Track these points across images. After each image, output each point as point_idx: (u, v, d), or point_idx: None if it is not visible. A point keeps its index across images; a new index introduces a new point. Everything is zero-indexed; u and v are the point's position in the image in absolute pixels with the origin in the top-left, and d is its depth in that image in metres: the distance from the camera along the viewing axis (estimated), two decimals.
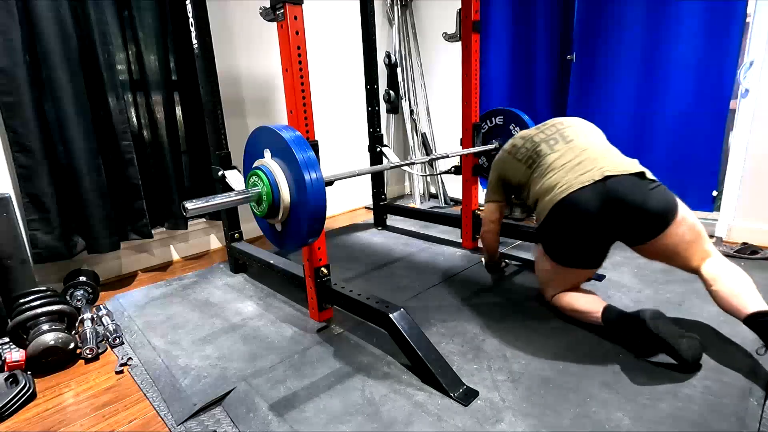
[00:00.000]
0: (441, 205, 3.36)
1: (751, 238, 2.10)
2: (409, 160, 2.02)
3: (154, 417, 1.20)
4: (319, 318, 1.62)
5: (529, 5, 2.67)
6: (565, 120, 1.68)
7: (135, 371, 1.41)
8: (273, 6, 1.32)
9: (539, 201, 1.48)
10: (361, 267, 2.15)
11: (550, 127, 1.65)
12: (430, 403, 1.16)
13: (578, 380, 1.21)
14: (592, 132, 1.62)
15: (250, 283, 2.03)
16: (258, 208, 1.22)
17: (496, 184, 1.76)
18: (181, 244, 2.50)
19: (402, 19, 3.29)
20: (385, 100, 3.38)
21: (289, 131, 1.15)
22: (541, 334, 1.45)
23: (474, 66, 2.11)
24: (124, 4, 2.10)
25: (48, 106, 1.85)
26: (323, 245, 1.54)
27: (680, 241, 1.33)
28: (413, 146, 3.39)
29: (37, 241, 1.86)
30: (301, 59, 1.35)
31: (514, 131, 2.19)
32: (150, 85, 2.21)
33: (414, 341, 1.26)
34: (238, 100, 2.62)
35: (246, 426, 1.13)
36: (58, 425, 1.20)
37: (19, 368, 1.37)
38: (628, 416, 1.07)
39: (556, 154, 1.53)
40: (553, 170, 1.48)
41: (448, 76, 3.18)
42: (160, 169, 2.29)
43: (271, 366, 1.37)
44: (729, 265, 1.35)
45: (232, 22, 2.52)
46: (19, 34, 1.72)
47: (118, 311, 1.82)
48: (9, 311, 1.60)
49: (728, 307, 1.28)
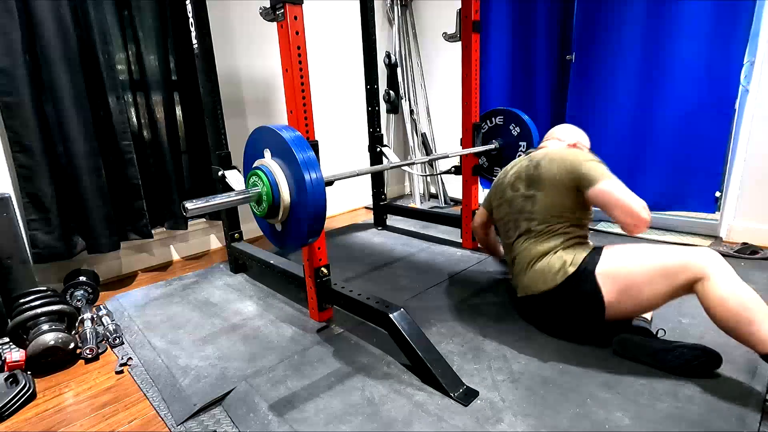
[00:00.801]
0: (441, 205, 3.36)
1: (751, 238, 2.10)
2: (409, 160, 2.02)
3: (154, 417, 1.20)
4: (319, 318, 1.62)
5: (529, 5, 2.68)
6: (538, 162, 1.49)
7: (135, 371, 1.41)
8: (273, 6, 1.32)
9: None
10: (361, 267, 2.15)
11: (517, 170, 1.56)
12: (430, 403, 1.16)
13: (578, 380, 1.21)
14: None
15: (250, 283, 2.03)
16: (258, 208, 1.22)
17: (488, 194, 1.76)
18: (181, 244, 2.50)
19: (402, 19, 3.29)
20: (385, 100, 3.38)
21: (289, 131, 1.15)
22: (541, 334, 1.45)
23: (474, 66, 2.11)
24: (124, 4, 2.10)
25: (48, 106, 1.85)
26: (323, 245, 1.54)
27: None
28: (413, 146, 3.39)
29: (37, 241, 1.86)
30: (301, 59, 1.35)
31: (514, 131, 2.20)
32: (150, 85, 2.21)
33: (414, 341, 1.26)
34: (238, 100, 2.62)
35: (246, 426, 1.13)
36: (58, 425, 1.20)
37: (19, 368, 1.37)
38: (628, 416, 1.07)
39: (500, 211, 1.60)
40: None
41: (448, 76, 3.18)
42: (160, 169, 2.29)
43: (271, 366, 1.37)
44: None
45: (232, 22, 2.52)
46: (19, 34, 1.73)
47: (118, 311, 1.82)
48: (9, 311, 1.60)
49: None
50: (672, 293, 1.19)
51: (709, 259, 1.14)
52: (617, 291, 1.25)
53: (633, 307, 1.26)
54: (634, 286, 1.22)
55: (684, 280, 1.15)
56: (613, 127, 2.40)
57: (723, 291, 1.10)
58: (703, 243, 2.16)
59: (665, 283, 1.18)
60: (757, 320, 1.06)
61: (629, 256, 1.26)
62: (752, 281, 1.73)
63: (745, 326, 1.08)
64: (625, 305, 1.25)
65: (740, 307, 1.08)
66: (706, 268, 1.13)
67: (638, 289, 1.22)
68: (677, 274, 1.16)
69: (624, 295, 1.24)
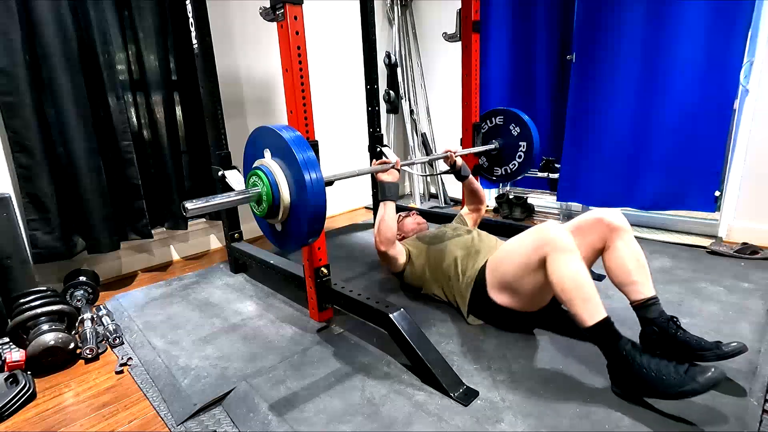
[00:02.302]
0: (441, 205, 3.36)
1: (751, 238, 2.10)
2: (409, 160, 2.02)
3: (154, 417, 1.20)
4: (319, 318, 1.62)
5: (529, 5, 2.67)
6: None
7: (135, 371, 1.41)
8: (273, 6, 1.32)
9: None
10: (361, 267, 2.15)
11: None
12: (430, 403, 1.16)
13: (578, 380, 1.21)
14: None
15: (250, 283, 2.03)
16: (258, 208, 1.22)
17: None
18: (181, 244, 2.50)
19: (402, 19, 3.29)
20: (385, 100, 3.38)
21: (289, 131, 1.15)
22: (541, 334, 1.45)
23: (474, 66, 2.11)
24: (124, 4, 2.10)
25: (48, 106, 1.85)
26: (323, 245, 1.54)
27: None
28: (413, 146, 3.39)
29: (37, 241, 1.86)
30: (301, 59, 1.35)
31: (514, 131, 2.20)
32: (150, 85, 2.21)
33: (414, 341, 1.26)
34: (238, 100, 2.62)
35: (246, 426, 1.13)
36: (58, 425, 1.20)
37: (19, 368, 1.37)
38: (628, 416, 1.07)
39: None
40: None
41: (448, 76, 3.18)
42: (160, 169, 2.29)
43: (271, 366, 1.37)
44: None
45: (232, 22, 2.52)
46: (19, 34, 1.73)
47: (118, 311, 1.82)
48: (9, 311, 1.60)
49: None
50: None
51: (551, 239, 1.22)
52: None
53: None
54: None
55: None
56: (613, 127, 2.40)
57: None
58: (703, 243, 2.17)
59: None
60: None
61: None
62: (752, 281, 1.74)
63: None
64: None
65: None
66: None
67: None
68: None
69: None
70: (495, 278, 1.41)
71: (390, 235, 1.64)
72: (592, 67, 2.41)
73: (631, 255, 1.29)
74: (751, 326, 1.42)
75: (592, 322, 1.12)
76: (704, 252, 2.08)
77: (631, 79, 2.31)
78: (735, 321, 1.46)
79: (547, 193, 3.05)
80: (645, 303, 1.25)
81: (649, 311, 1.25)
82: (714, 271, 1.86)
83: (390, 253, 1.68)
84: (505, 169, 2.30)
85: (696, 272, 1.85)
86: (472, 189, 2.00)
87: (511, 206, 2.90)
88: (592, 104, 2.45)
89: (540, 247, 1.23)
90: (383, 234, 1.64)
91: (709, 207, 2.22)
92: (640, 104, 2.31)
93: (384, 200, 1.66)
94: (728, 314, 1.50)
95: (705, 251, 2.09)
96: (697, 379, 0.98)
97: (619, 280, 1.30)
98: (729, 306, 1.56)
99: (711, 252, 2.06)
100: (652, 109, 2.28)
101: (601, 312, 1.12)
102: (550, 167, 2.77)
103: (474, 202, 2.03)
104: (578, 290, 1.14)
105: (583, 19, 2.37)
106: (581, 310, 1.13)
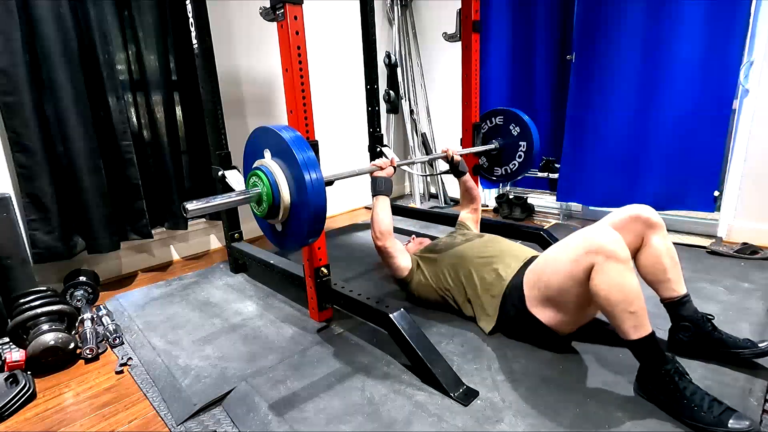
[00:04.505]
0: (441, 205, 3.36)
1: (751, 238, 2.10)
2: (409, 160, 2.02)
3: (154, 417, 1.20)
4: (319, 318, 1.62)
5: (529, 5, 2.68)
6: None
7: (135, 371, 1.41)
8: (273, 6, 1.32)
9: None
10: (361, 267, 2.15)
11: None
12: (430, 403, 1.16)
13: (578, 380, 1.21)
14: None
15: (250, 283, 2.03)
16: (258, 208, 1.22)
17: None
18: (181, 244, 2.50)
19: (402, 19, 3.29)
20: (385, 100, 3.38)
21: (289, 131, 1.15)
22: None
23: (474, 66, 2.11)
24: (124, 4, 2.10)
25: (48, 106, 1.85)
26: (323, 245, 1.54)
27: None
28: (413, 146, 3.39)
29: (37, 241, 1.86)
30: (301, 59, 1.35)
31: (514, 131, 2.19)
32: (150, 85, 2.21)
33: (414, 341, 1.26)
34: (238, 100, 2.62)
35: (246, 426, 1.13)
36: (58, 425, 1.20)
37: (19, 368, 1.37)
38: (628, 416, 1.07)
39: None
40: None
41: (448, 76, 3.18)
42: (160, 169, 2.28)
43: (271, 366, 1.37)
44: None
45: (232, 22, 2.52)
46: (19, 34, 1.72)
47: (118, 311, 1.82)
48: (9, 311, 1.60)
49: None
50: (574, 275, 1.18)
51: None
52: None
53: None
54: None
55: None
56: (612, 127, 2.40)
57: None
58: (703, 243, 2.17)
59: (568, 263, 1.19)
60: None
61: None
62: (752, 281, 1.74)
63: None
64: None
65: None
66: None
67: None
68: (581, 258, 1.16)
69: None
70: (537, 291, 1.29)
71: (384, 227, 1.57)
72: (592, 67, 2.41)
73: (667, 252, 1.26)
74: (751, 326, 1.42)
75: (637, 336, 1.07)
76: (704, 252, 2.08)
77: (630, 79, 2.31)
78: (735, 321, 1.46)
79: (547, 193, 3.05)
80: (680, 300, 1.25)
81: (684, 309, 1.24)
82: (714, 271, 1.86)
83: (389, 247, 1.59)
84: (505, 169, 2.30)
85: (696, 272, 1.85)
86: (468, 186, 1.99)
87: (511, 206, 2.90)
88: (592, 104, 2.45)
89: (587, 254, 1.12)
90: (377, 225, 1.56)
91: (709, 207, 2.22)
92: (639, 104, 2.31)
93: (376, 195, 1.60)
94: (728, 314, 1.50)
95: (705, 251, 2.09)
96: (728, 425, 0.98)
97: (653, 278, 1.27)
98: (729, 306, 1.56)
99: (711, 252, 2.06)
100: (651, 109, 2.28)
101: (647, 326, 1.07)
102: (550, 167, 2.77)
103: (469, 200, 2.01)
104: (627, 303, 1.07)
105: (583, 18, 2.37)
106: (626, 323, 1.08)
